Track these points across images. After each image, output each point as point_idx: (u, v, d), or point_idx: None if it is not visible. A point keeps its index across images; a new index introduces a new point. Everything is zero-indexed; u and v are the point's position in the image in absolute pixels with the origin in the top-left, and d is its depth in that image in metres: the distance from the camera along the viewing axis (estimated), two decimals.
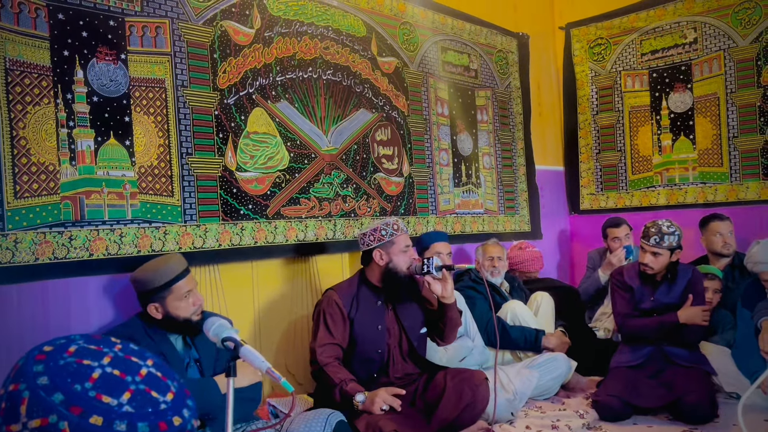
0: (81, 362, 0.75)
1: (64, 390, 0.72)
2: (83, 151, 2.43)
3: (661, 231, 3.11)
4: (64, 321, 2.35)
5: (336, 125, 3.43)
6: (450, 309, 2.79)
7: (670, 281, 3.18)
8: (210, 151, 2.85)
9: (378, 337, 2.76)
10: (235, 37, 2.99)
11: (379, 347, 2.76)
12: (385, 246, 2.76)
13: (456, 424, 2.58)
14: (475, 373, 2.74)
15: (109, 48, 2.53)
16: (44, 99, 2.34)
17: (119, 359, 0.77)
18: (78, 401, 0.71)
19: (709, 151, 4.54)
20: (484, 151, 4.51)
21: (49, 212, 2.32)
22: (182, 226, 2.72)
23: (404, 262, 2.77)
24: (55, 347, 0.79)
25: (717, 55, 4.49)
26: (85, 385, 0.73)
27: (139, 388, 0.74)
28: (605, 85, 5.07)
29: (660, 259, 3.12)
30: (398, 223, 2.80)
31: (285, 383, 1.39)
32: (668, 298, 3.17)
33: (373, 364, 2.76)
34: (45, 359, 0.74)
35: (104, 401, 0.72)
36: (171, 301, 2.16)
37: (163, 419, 0.73)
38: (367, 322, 2.75)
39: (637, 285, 3.24)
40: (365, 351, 2.74)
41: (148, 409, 0.73)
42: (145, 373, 0.76)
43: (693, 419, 2.84)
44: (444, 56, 4.22)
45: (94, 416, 0.71)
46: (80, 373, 0.74)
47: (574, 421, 2.92)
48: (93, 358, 0.76)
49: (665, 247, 3.10)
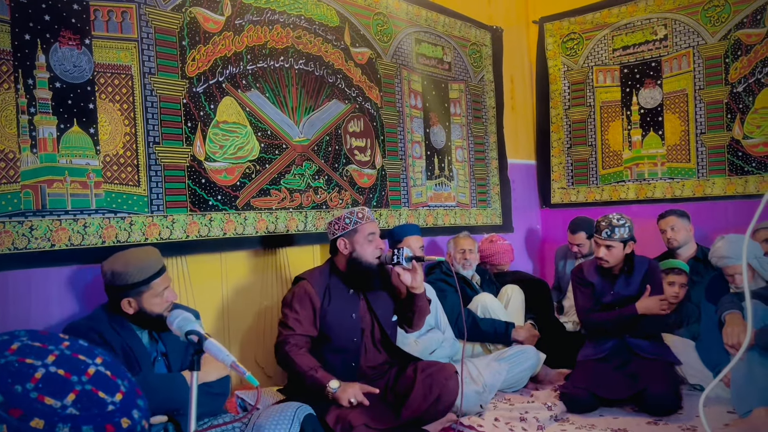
0: (23, 361, 0.71)
1: (4, 391, 0.67)
2: (45, 138, 2.36)
3: (611, 224, 3.17)
4: (24, 313, 2.28)
5: (308, 116, 3.39)
6: (419, 298, 2.79)
7: (627, 274, 3.24)
8: (178, 140, 2.79)
9: (353, 325, 2.72)
10: (205, 25, 2.93)
11: (354, 336, 2.72)
12: (349, 234, 2.72)
13: (425, 417, 2.58)
14: (444, 367, 2.70)
15: (73, 32, 2.45)
16: (4, 84, 2.26)
17: (65, 357, 0.73)
18: (18, 403, 0.67)
19: (678, 147, 4.61)
20: (457, 144, 4.51)
21: (9, 201, 2.25)
22: (148, 217, 2.66)
23: (369, 251, 2.71)
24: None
25: (686, 52, 4.55)
26: (27, 385, 0.69)
27: (85, 389, 0.70)
28: (577, 80, 5.11)
29: (614, 251, 3.18)
30: (363, 212, 2.75)
31: (250, 377, 1.36)
32: (627, 290, 3.23)
33: (348, 353, 2.72)
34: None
35: (47, 403, 0.68)
36: (147, 298, 2.09)
37: (110, 421, 0.69)
38: (341, 311, 2.72)
39: (596, 280, 3.30)
40: (340, 340, 2.69)
41: (94, 411, 0.69)
42: (92, 372, 0.73)
43: (657, 410, 2.89)
44: (418, 48, 4.20)
45: (35, 419, 0.67)
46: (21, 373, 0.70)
47: (542, 413, 2.95)
48: (36, 356, 0.72)
49: (617, 239, 3.16)
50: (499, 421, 2.86)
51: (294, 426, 2.24)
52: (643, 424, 2.82)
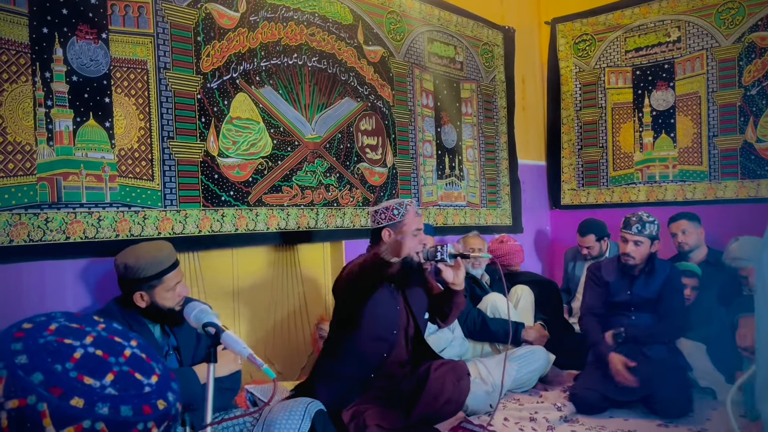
0: (62, 341, 0.71)
1: (44, 370, 0.68)
2: (61, 131, 2.37)
3: (642, 220, 3.15)
4: (39, 305, 2.29)
5: (320, 113, 3.39)
6: (458, 295, 2.72)
7: (647, 275, 3.20)
8: (192, 135, 2.80)
9: (395, 317, 2.68)
10: (220, 21, 2.93)
11: (394, 328, 2.68)
12: (395, 226, 2.65)
13: (437, 416, 2.57)
14: (457, 366, 2.69)
15: (90, 26, 2.46)
16: (22, 77, 2.27)
17: (102, 339, 0.74)
18: (58, 382, 0.67)
19: (689, 150, 4.59)
20: (468, 144, 4.51)
21: (25, 193, 2.26)
22: (162, 211, 2.67)
23: (413, 245, 2.57)
24: (35, 325, 0.75)
25: (699, 55, 4.53)
26: (66, 365, 0.69)
27: (122, 370, 0.71)
28: (589, 81, 5.09)
29: (641, 248, 3.15)
30: (412, 204, 2.71)
31: (266, 369, 1.36)
32: (646, 291, 3.19)
33: (385, 344, 2.66)
34: (24, 337, 0.70)
35: (86, 382, 0.68)
36: (160, 292, 2.09)
37: (148, 402, 0.70)
38: (386, 303, 2.66)
39: (613, 279, 3.26)
40: (380, 330, 2.64)
41: (132, 392, 0.69)
42: (129, 354, 0.73)
43: (668, 413, 2.87)
44: (430, 47, 4.20)
45: (75, 398, 0.67)
46: (61, 353, 0.70)
47: (551, 413, 2.94)
48: (75, 337, 0.72)
49: (646, 236, 3.13)
50: (508, 421, 2.85)
51: (305, 422, 2.24)
52: (653, 426, 2.80)
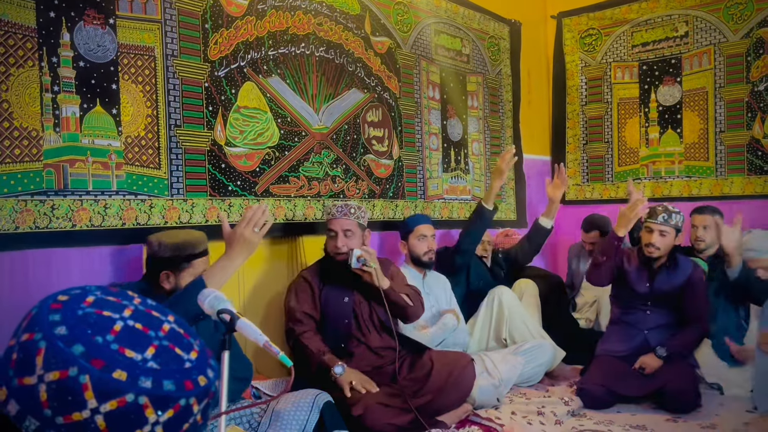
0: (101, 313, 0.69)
1: (85, 341, 0.66)
2: (68, 117, 2.34)
3: (668, 210, 3.12)
4: (44, 293, 2.25)
5: (327, 104, 3.36)
6: (387, 294, 2.75)
7: (669, 269, 3.16)
8: (199, 124, 2.77)
9: (345, 308, 2.81)
10: (228, 8, 2.90)
11: (345, 317, 2.80)
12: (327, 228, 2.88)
13: (443, 404, 2.57)
14: (460, 355, 2.79)
15: (98, 11, 2.42)
16: (29, 61, 2.23)
17: (140, 313, 0.71)
18: (100, 354, 0.66)
19: (696, 145, 4.57)
20: (474, 138, 4.48)
21: (31, 179, 2.23)
22: (168, 200, 2.64)
23: (329, 246, 2.86)
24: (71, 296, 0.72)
25: (707, 50, 4.51)
26: (107, 337, 0.67)
27: (162, 344, 0.68)
28: (595, 76, 5.07)
29: (666, 239, 3.10)
30: (332, 208, 2.86)
31: (283, 357, 1.34)
32: (668, 285, 3.15)
33: (339, 334, 2.79)
34: (61, 308, 0.68)
35: (128, 356, 0.66)
36: (186, 276, 2.11)
37: (189, 378, 0.67)
38: (335, 294, 2.82)
39: (633, 269, 3.21)
40: (333, 322, 2.79)
41: (173, 366, 0.67)
42: (168, 329, 0.71)
43: (676, 408, 2.86)
44: (437, 39, 4.17)
45: (117, 370, 0.65)
46: (101, 325, 0.68)
47: (559, 407, 2.92)
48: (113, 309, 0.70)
49: (672, 226, 3.09)
50: (516, 415, 2.84)
51: (313, 413, 2.23)
52: (662, 421, 2.79)
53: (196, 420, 0.72)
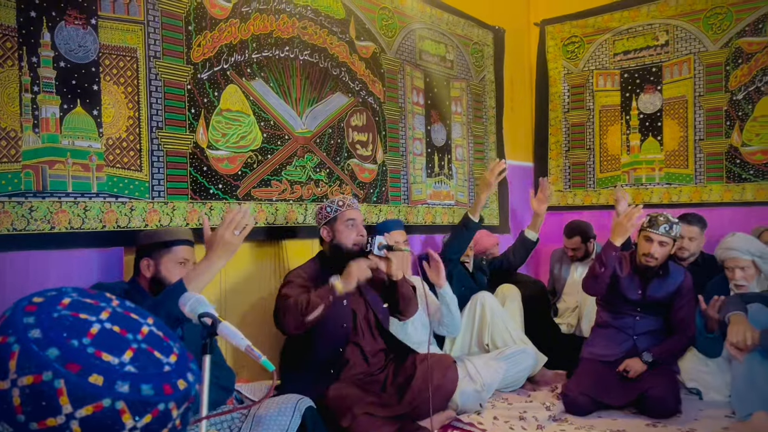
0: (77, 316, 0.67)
1: (60, 345, 0.64)
2: (48, 118, 2.30)
3: (669, 220, 3.05)
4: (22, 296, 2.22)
5: (311, 107, 3.35)
6: (399, 285, 2.76)
7: (661, 278, 3.14)
8: (181, 126, 2.75)
9: (343, 312, 2.71)
10: (212, 10, 2.88)
11: (344, 322, 2.72)
12: (330, 222, 2.77)
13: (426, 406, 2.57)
14: (443, 357, 2.79)
15: (79, 11, 2.40)
16: (8, 61, 2.20)
17: (118, 315, 0.70)
18: (76, 358, 0.64)
19: (676, 153, 4.63)
20: (457, 143, 4.49)
21: (9, 181, 2.19)
22: (149, 203, 2.61)
23: (348, 237, 2.74)
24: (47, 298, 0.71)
25: (687, 59, 4.57)
26: (83, 340, 0.65)
27: (141, 347, 0.67)
28: (577, 83, 5.11)
29: (665, 249, 3.06)
30: (344, 199, 2.80)
31: (265, 362, 1.33)
32: (660, 293, 3.14)
33: (339, 339, 2.72)
34: (36, 311, 0.66)
35: (105, 359, 0.64)
36: (166, 262, 2.15)
37: (168, 382, 0.66)
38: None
39: (625, 275, 3.18)
40: (331, 326, 2.69)
41: (151, 370, 0.65)
42: (146, 332, 0.69)
43: (657, 413, 2.88)
44: (421, 45, 4.18)
45: (94, 375, 0.63)
46: (77, 328, 0.66)
47: (540, 412, 2.93)
48: (90, 312, 0.68)
49: (672, 236, 3.05)
50: (498, 420, 2.84)
51: (295, 418, 2.21)
52: (642, 426, 2.81)
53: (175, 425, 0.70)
